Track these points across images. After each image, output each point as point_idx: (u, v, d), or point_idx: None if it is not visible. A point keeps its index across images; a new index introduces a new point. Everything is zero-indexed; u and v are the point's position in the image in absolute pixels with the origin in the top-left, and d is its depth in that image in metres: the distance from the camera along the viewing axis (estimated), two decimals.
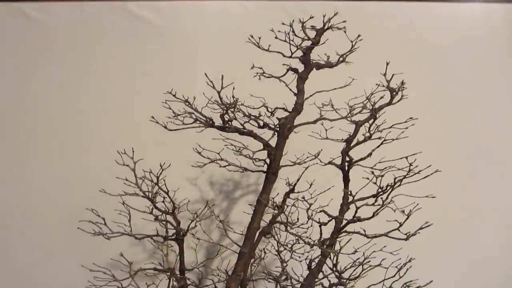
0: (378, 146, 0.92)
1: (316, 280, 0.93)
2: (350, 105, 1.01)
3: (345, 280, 0.83)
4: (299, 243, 0.98)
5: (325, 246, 0.90)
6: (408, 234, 0.85)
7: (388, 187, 0.90)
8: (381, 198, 0.89)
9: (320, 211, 0.93)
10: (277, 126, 0.99)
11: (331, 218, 0.92)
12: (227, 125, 0.99)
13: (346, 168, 0.95)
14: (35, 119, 1.32)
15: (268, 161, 1.03)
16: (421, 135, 1.06)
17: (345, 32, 0.94)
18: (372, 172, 0.89)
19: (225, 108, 0.95)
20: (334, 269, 0.83)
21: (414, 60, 1.38)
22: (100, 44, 1.34)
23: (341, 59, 0.99)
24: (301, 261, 1.03)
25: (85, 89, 1.33)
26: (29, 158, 1.31)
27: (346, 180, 0.96)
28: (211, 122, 1.00)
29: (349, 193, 0.90)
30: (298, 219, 1.02)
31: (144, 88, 1.32)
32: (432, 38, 1.43)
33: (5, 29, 1.31)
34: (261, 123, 1.02)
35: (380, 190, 0.89)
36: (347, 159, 0.93)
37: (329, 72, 1.01)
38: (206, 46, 1.35)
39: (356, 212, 0.91)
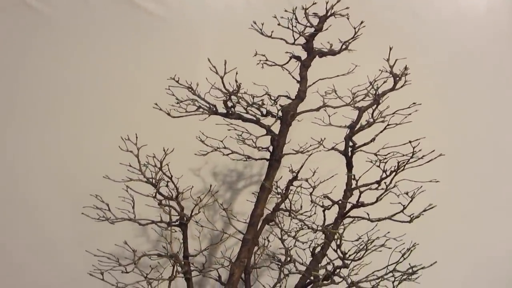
0: (381, 131, 0.92)
1: (320, 265, 0.93)
2: (353, 92, 1.02)
3: (348, 262, 0.83)
4: (303, 229, 0.98)
5: (328, 232, 0.89)
6: (412, 216, 0.85)
7: (392, 172, 0.90)
8: (385, 182, 0.89)
9: (324, 197, 0.93)
10: (280, 111, 0.99)
11: (334, 202, 0.92)
12: (230, 111, 1.00)
13: (350, 154, 0.94)
14: (38, 107, 1.32)
15: (271, 149, 1.03)
16: (425, 121, 1.06)
17: (348, 18, 0.94)
18: (376, 155, 0.89)
19: (228, 94, 0.95)
20: (338, 250, 0.83)
21: (417, 46, 1.39)
22: (102, 34, 1.34)
23: (343, 46, 0.99)
24: (304, 249, 1.03)
25: (88, 77, 1.33)
26: (32, 146, 1.31)
27: (349, 166, 0.96)
28: (214, 109, 1.00)
29: (353, 177, 0.90)
30: (301, 206, 1.02)
31: (148, 76, 1.32)
32: (434, 24, 1.44)
33: (5, 19, 1.31)
34: (264, 111, 1.02)
35: (384, 173, 0.88)
36: (351, 144, 0.93)
37: (332, 60, 1.01)
38: (209, 35, 1.36)
39: (359, 196, 0.91)
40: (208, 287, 1.33)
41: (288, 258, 0.92)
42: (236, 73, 0.92)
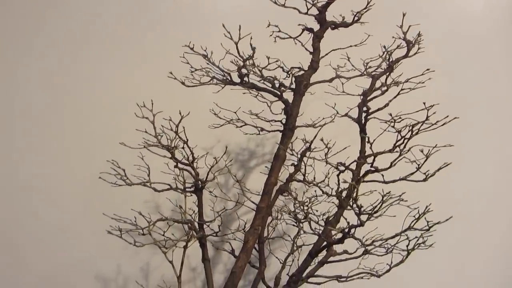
0: (395, 97, 0.93)
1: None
2: (366, 62, 1.02)
3: (364, 220, 0.83)
4: (316, 196, 0.98)
5: (343, 197, 0.89)
6: (427, 174, 0.85)
7: (405, 139, 0.90)
8: (399, 147, 0.89)
9: (338, 163, 0.93)
10: (293, 76, 1.01)
11: (347, 167, 0.92)
12: (244, 80, 1.01)
13: (363, 120, 0.95)
14: (55, 75, 1.33)
15: (284, 121, 1.04)
16: (438, 87, 1.06)
17: None
18: (391, 116, 0.88)
19: (243, 60, 0.96)
20: (354, 205, 0.83)
21: (430, 16, 1.39)
22: (116, 4, 1.36)
23: (356, 18, 1.00)
24: (318, 221, 1.02)
25: (103, 46, 1.34)
26: (47, 113, 1.32)
27: (363, 133, 0.96)
28: (229, 78, 1.01)
29: (367, 139, 0.90)
30: (314, 178, 1.02)
31: (163, 45, 1.33)
32: None
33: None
34: (277, 84, 1.03)
35: (398, 135, 0.88)
36: (364, 109, 0.93)
37: (345, 33, 1.02)
38: (221, 12, 1.37)
39: (373, 161, 0.91)
40: (221, 265, 1.33)
41: (304, 216, 0.92)
42: (251, 38, 0.92)
